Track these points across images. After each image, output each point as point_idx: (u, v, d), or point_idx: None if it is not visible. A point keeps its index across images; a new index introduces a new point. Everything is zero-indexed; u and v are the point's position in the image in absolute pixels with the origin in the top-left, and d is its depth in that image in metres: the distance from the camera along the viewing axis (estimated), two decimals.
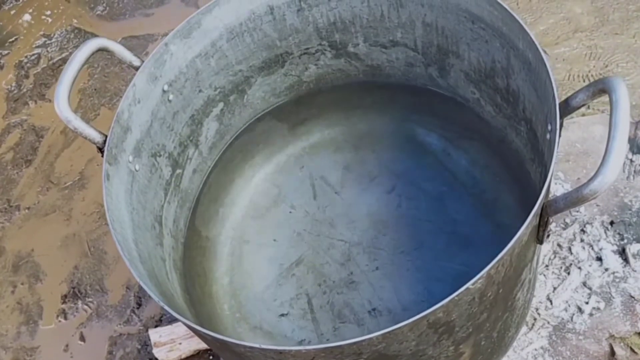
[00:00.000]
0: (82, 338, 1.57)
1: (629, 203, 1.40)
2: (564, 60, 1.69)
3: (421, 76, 1.39)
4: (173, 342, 1.40)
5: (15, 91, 2.15)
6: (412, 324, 0.79)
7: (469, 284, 0.79)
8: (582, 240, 1.37)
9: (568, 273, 1.33)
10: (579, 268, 1.33)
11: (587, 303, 1.29)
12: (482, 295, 0.86)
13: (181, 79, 1.25)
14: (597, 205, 1.40)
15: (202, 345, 1.40)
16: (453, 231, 1.27)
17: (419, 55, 1.34)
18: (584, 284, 1.31)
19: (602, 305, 1.29)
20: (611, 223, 1.38)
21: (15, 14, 2.38)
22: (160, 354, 1.41)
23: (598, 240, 1.36)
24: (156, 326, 1.49)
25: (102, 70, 2.11)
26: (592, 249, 1.35)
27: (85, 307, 1.61)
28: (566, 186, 1.45)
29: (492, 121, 1.31)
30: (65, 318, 1.61)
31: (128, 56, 1.16)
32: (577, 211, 1.41)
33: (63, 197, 1.84)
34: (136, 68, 1.16)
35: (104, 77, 2.09)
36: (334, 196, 1.38)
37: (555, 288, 1.32)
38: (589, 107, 1.57)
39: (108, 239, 1.71)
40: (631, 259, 1.32)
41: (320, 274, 1.29)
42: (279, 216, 1.38)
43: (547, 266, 1.35)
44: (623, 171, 1.44)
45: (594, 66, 1.66)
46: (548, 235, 0.91)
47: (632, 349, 1.24)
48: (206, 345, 1.35)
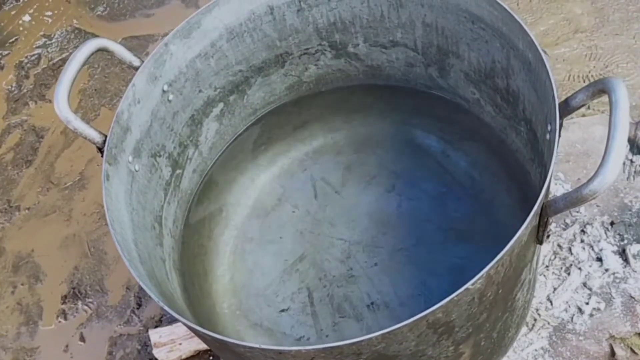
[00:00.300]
0: (82, 338, 1.57)
1: (629, 204, 1.40)
2: (564, 60, 1.69)
3: (421, 76, 1.39)
4: (173, 343, 1.40)
5: (15, 91, 2.15)
6: (412, 324, 0.79)
7: (469, 284, 0.79)
8: (583, 240, 1.37)
9: (568, 273, 1.33)
10: (579, 268, 1.33)
11: (588, 304, 1.29)
12: (482, 295, 0.86)
13: (181, 79, 1.25)
14: (597, 205, 1.40)
15: (202, 345, 1.40)
16: (452, 230, 1.28)
17: (419, 55, 1.34)
18: (584, 285, 1.31)
19: (603, 305, 1.29)
20: (611, 224, 1.38)
21: (15, 15, 2.38)
22: (160, 355, 1.40)
23: (598, 240, 1.36)
24: (156, 327, 1.49)
25: (102, 70, 2.11)
26: (593, 250, 1.35)
27: (85, 308, 1.61)
28: (566, 186, 1.45)
29: (492, 121, 1.32)
30: (65, 318, 1.61)
31: (128, 56, 1.16)
32: (577, 212, 1.40)
33: (63, 198, 1.84)
34: (136, 68, 1.16)
35: (104, 78, 2.09)
36: (335, 196, 1.39)
37: (555, 288, 1.32)
38: (589, 108, 1.57)
39: (108, 240, 1.71)
40: (631, 260, 1.32)
41: (320, 269, 1.30)
42: (282, 215, 1.39)
43: (547, 267, 1.35)
44: (623, 172, 1.44)
45: (594, 67, 1.66)
46: (548, 235, 0.91)
47: (633, 350, 1.24)
48: (206, 345, 1.35)
